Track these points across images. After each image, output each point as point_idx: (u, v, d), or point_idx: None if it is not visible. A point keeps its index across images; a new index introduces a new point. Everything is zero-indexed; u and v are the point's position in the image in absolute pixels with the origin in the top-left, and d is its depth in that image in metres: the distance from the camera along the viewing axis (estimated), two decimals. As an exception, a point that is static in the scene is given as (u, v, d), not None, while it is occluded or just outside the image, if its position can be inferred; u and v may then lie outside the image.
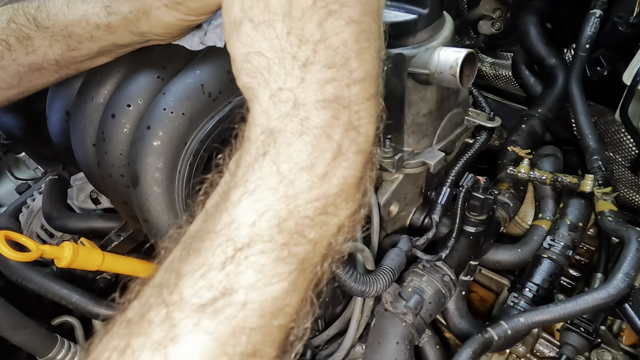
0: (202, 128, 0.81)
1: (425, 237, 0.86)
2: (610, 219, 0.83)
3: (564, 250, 0.92)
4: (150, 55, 0.86)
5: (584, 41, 0.98)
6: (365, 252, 0.77)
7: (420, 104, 0.81)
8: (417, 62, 0.75)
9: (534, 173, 0.92)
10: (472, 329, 0.91)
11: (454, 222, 0.87)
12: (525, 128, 1.08)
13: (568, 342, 0.85)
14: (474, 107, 0.99)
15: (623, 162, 1.09)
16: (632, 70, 0.83)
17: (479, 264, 0.99)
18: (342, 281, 0.71)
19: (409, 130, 0.85)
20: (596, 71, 0.97)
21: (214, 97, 0.81)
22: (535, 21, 1.14)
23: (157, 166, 0.77)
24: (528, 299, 0.88)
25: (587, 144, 0.94)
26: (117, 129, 0.82)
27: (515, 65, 1.26)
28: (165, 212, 0.79)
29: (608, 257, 0.98)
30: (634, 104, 0.85)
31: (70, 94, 0.93)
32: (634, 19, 0.89)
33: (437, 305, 0.85)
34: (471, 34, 1.41)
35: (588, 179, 0.88)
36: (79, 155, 0.94)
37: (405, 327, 0.80)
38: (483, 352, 0.77)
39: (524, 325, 0.76)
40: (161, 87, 0.81)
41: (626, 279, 0.73)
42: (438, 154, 0.86)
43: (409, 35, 0.75)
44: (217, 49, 0.85)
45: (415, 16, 0.73)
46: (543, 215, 1.03)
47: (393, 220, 0.95)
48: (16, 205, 1.20)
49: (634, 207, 1.14)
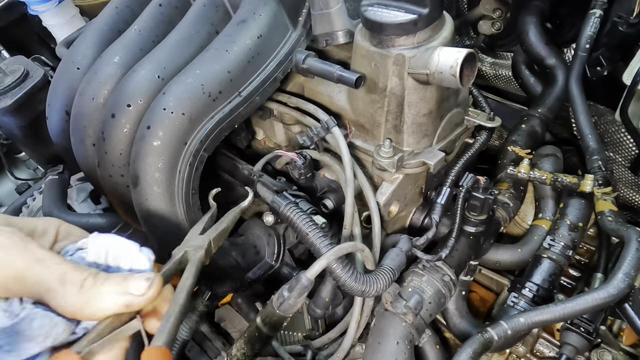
0: (202, 128, 0.81)
1: (425, 237, 0.86)
2: (610, 219, 0.83)
3: (564, 250, 0.92)
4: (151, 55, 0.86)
5: (584, 41, 0.98)
6: (365, 252, 0.77)
7: (420, 104, 0.81)
8: (417, 62, 0.75)
9: (534, 173, 0.92)
10: (472, 329, 0.91)
11: (454, 222, 0.87)
12: (525, 128, 1.08)
13: (568, 342, 0.85)
14: (474, 107, 0.99)
15: (623, 162, 1.09)
16: (632, 70, 0.83)
17: (479, 264, 0.99)
18: (342, 281, 0.71)
19: (409, 130, 0.85)
20: (596, 71, 0.97)
21: (214, 97, 0.81)
22: (535, 21, 1.14)
23: (157, 166, 0.77)
24: (528, 299, 0.88)
25: (587, 144, 0.94)
26: (117, 129, 0.82)
27: (515, 65, 1.26)
28: (165, 212, 0.79)
29: (608, 257, 0.98)
30: (634, 104, 0.85)
31: (70, 94, 0.93)
32: (634, 19, 0.89)
33: (437, 305, 0.85)
34: (471, 34, 1.41)
35: (588, 179, 0.88)
36: (79, 155, 0.94)
37: (405, 327, 0.80)
38: (483, 352, 0.77)
39: (524, 325, 0.76)
40: (161, 87, 0.81)
41: (626, 279, 0.73)
42: (438, 154, 0.86)
43: (408, 35, 0.75)
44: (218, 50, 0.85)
45: (415, 16, 0.73)
46: (543, 215, 1.03)
47: (393, 220, 0.95)
48: (16, 205, 1.20)
49: (634, 207, 1.14)
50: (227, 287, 0.89)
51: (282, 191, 0.82)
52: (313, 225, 0.75)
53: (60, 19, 1.49)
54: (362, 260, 0.80)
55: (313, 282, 0.73)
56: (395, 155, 0.84)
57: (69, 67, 0.94)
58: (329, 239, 0.73)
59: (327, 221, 0.81)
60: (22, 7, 1.57)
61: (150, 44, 0.91)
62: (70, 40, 1.08)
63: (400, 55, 0.76)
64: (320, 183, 0.94)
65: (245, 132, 1.09)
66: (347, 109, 0.93)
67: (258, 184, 0.87)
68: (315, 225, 0.75)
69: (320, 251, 0.72)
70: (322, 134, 0.88)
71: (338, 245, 0.71)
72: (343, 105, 0.93)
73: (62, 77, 0.95)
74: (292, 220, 0.77)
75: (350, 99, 0.91)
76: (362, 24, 0.80)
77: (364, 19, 0.77)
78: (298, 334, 1.05)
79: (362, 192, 0.87)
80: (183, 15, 0.92)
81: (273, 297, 0.74)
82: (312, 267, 0.71)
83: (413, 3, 0.74)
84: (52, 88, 0.97)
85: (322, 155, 0.93)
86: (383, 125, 0.86)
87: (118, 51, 0.89)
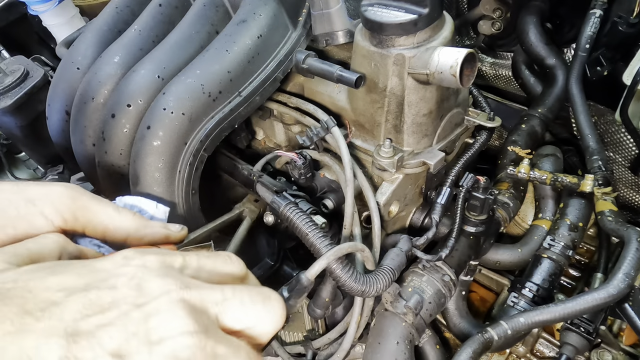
0: (202, 128, 0.81)
1: (425, 237, 0.85)
2: (610, 219, 0.83)
3: (564, 250, 0.92)
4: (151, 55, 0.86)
5: (584, 41, 0.98)
6: (366, 252, 0.77)
7: (420, 104, 0.81)
8: (417, 62, 0.75)
9: (534, 173, 0.92)
10: (472, 329, 0.91)
11: (454, 222, 0.87)
12: (525, 128, 1.08)
13: (568, 342, 0.85)
14: (474, 107, 0.99)
15: (623, 162, 1.09)
16: (632, 70, 0.83)
17: (479, 264, 0.99)
18: (342, 281, 0.71)
19: (409, 130, 0.85)
20: (596, 71, 0.97)
21: (214, 97, 0.81)
22: (535, 21, 1.14)
23: (157, 166, 0.77)
24: (528, 299, 0.88)
25: (587, 144, 0.94)
26: (117, 129, 0.82)
27: (515, 65, 1.26)
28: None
29: (608, 257, 0.98)
30: (634, 104, 0.85)
31: (70, 94, 0.93)
32: (634, 19, 0.89)
33: (437, 305, 0.84)
34: (471, 34, 1.41)
35: (588, 179, 0.88)
36: (79, 155, 0.94)
37: (405, 327, 0.80)
38: (483, 352, 0.77)
39: (524, 325, 0.76)
40: (161, 87, 0.81)
41: (626, 279, 0.73)
42: (438, 154, 0.86)
43: (408, 35, 0.75)
44: (218, 50, 0.85)
45: (415, 16, 0.73)
46: (543, 215, 1.03)
47: (393, 220, 0.95)
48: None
49: (634, 207, 1.14)
50: (227, 287, 0.89)
51: (281, 191, 0.82)
52: (313, 226, 0.74)
53: (60, 19, 1.49)
54: (362, 261, 0.80)
55: (313, 282, 0.73)
56: (395, 155, 0.84)
57: (69, 67, 0.94)
58: (328, 239, 0.73)
59: (327, 221, 0.81)
60: (22, 7, 1.58)
61: (150, 44, 0.91)
62: (70, 40, 1.08)
63: (400, 55, 0.76)
64: (320, 183, 0.94)
65: (245, 132, 1.09)
66: (347, 109, 0.93)
67: (258, 184, 0.87)
68: (315, 225, 0.75)
69: (320, 251, 0.72)
70: (322, 134, 0.88)
71: (338, 245, 0.71)
72: (343, 105, 0.93)
73: (62, 77, 0.95)
74: (292, 220, 0.77)
75: (350, 99, 0.91)
76: (362, 24, 0.80)
77: (364, 19, 0.77)
78: (298, 334, 1.05)
79: (362, 192, 0.87)
80: (183, 15, 0.92)
81: (273, 297, 0.74)
82: (312, 267, 0.71)
83: (413, 3, 0.74)
84: (52, 88, 0.97)
85: (322, 155, 0.93)
86: (383, 125, 0.86)
87: (118, 51, 0.89)
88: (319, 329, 1.02)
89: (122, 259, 0.40)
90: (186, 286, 0.38)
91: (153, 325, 0.35)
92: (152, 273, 0.39)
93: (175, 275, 0.39)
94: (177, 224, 0.54)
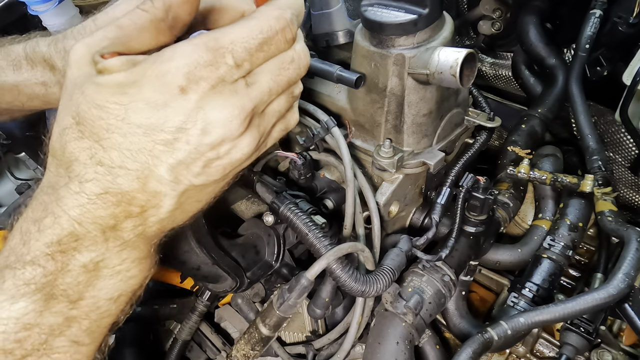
0: (202, 128, 0.81)
1: (425, 237, 0.86)
2: (610, 219, 0.83)
3: (564, 250, 0.92)
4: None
5: (584, 41, 0.98)
6: (365, 252, 0.77)
7: (420, 104, 0.81)
8: (417, 62, 0.75)
9: (534, 173, 0.92)
10: (472, 329, 0.91)
11: (454, 222, 0.87)
12: (525, 128, 1.08)
13: (568, 342, 0.85)
14: (474, 107, 0.99)
15: (623, 162, 1.09)
16: (632, 70, 0.83)
17: (479, 264, 0.99)
18: (342, 281, 0.71)
19: (409, 130, 0.85)
20: (596, 71, 0.97)
21: (214, 97, 0.81)
22: (535, 21, 1.14)
23: (157, 166, 0.77)
24: (528, 299, 0.88)
25: (587, 144, 0.94)
26: (117, 129, 0.82)
27: (515, 65, 1.26)
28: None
29: (608, 257, 0.98)
30: (634, 104, 0.85)
31: (70, 94, 0.93)
32: (634, 19, 0.89)
33: (437, 305, 0.85)
34: (471, 34, 1.41)
35: (588, 179, 0.88)
36: (79, 155, 0.94)
37: (405, 327, 0.80)
38: (483, 352, 0.77)
39: (524, 325, 0.76)
40: (161, 87, 0.81)
41: (626, 279, 0.73)
42: (438, 154, 0.86)
43: (408, 35, 0.75)
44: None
45: (415, 16, 0.73)
46: (543, 215, 1.03)
47: (393, 220, 0.95)
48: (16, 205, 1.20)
49: (634, 207, 1.14)
50: (227, 287, 0.89)
51: (281, 191, 0.82)
52: (313, 226, 0.75)
53: (60, 19, 1.49)
54: (362, 261, 0.80)
55: (313, 282, 0.73)
56: (395, 156, 0.84)
57: (69, 67, 0.94)
58: (328, 239, 0.73)
59: (327, 221, 0.81)
60: (22, 7, 1.57)
61: (150, 44, 0.91)
62: (70, 41, 1.07)
63: (400, 55, 0.76)
64: (320, 183, 0.94)
65: (245, 132, 1.09)
66: (347, 109, 0.93)
67: (258, 184, 0.87)
68: (315, 225, 0.75)
69: (320, 251, 0.72)
70: (322, 134, 0.88)
71: (338, 245, 0.71)
72: (343, 105, 0.93)
73: (62, 77, 0.95)
74: (292, 220, 0.77)
75: (350, 99, 0.91)
76: (362, 24, 0.80)
77: (364, 19, 0.77)
78: (298, 334, 1.05)
79: (361, 192, 0.87)
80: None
81: (273, 298, 0.74)
82: (312, 267, 0.71)
83: (413, 3, 0.74)
84: (52, 88, 0.97)
85: (322, 155, 0.93)
86: (383, 125, 0.86)
87: (118, 51, 0.89)
88: (319, 330, 1.02)
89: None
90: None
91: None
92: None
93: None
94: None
